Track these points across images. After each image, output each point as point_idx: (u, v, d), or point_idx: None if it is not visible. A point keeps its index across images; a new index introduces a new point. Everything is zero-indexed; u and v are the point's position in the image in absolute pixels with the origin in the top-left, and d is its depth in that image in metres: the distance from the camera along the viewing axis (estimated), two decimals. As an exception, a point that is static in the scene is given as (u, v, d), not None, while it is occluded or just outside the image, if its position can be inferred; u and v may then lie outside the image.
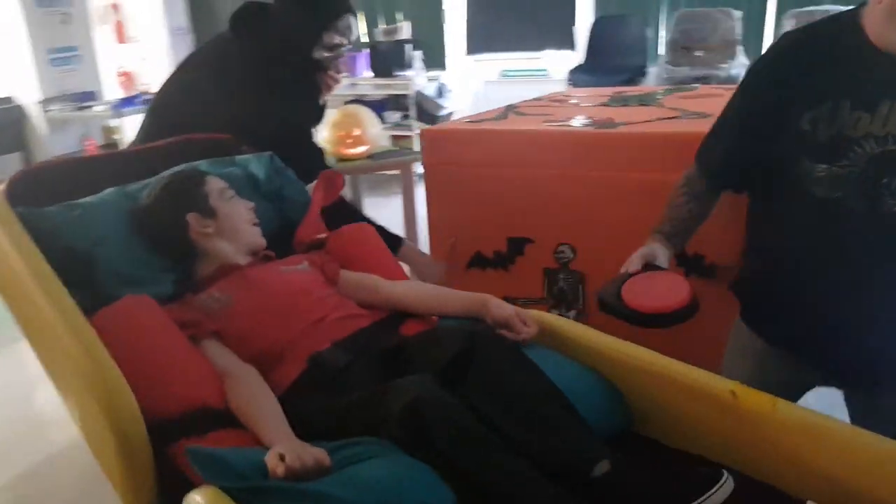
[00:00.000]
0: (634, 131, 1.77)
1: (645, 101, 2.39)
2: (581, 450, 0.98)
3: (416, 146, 5.39)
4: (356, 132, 3.38)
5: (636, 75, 4.66)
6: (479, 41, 5.92)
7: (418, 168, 2.35)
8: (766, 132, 1.16)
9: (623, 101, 2.43)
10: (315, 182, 1.62)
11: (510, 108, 2.33)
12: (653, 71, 4.81)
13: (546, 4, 5.58)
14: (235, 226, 1.41)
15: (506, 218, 1.90)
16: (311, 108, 1.99)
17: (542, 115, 2.13)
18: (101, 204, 1.40)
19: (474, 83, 5.97)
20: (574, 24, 5.46)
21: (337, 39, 1.85)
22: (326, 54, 1.87)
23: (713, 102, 2.30)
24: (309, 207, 1.57)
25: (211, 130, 1.77)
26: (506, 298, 1.39)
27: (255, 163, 1.60)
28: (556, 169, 1.81)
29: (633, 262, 1.23)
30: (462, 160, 1.92)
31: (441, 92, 5.58)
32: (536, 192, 1.84)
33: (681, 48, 4.69)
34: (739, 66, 4.48)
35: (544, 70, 5.65)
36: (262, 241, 1.45)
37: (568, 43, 5.52)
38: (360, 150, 3.60)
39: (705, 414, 1.08)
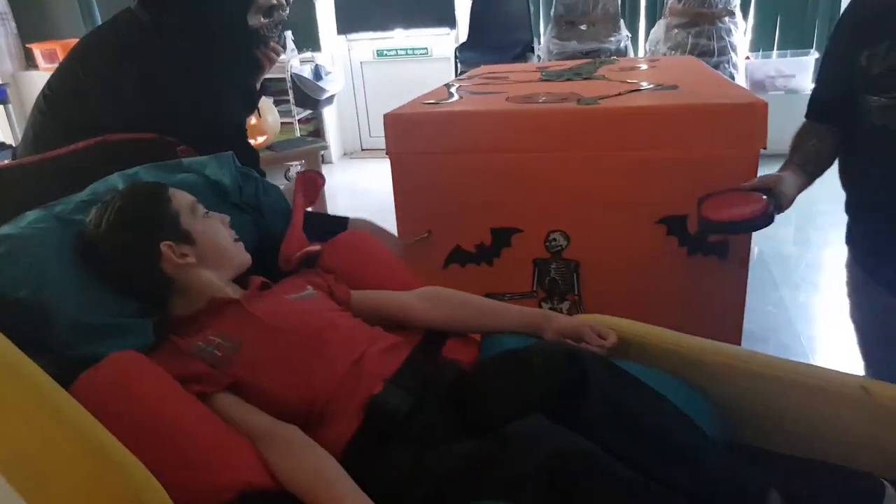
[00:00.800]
0: (623, 106, 1.64)
1: (582, 75, 2.29)
2: (743, 481, 0.84)
3: (298, 132, 5.05)
4: (252, 121, 3.05)
5: (525, 51, 4.60)
6: (352, 20, 5.61)
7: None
8: (841, 72, 1.26)
9: (557, 76, 2.31)
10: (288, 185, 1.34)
11: (450, 87, 2.14)
12: (541, 46, 4.77)
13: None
14: (218, 248, 1.13)
15: (489, 208, 1.71)
16: (244, 95, 1.68)
17: (496, 92, 1.96)
18: (31, 235, 1.05)
19: (348, 64, 5.68)
20: (454, 1, 5.31)
21: (275, 0, 1.56)
22: (263, 20, 1.57)
23: (653, 74, 2.25)
24: (290, 216, 1.30)
25: (126, 129, 1.44)
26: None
27: (215, 166, 1.29)
28: (543, 151, 1.65)
29: (749, 182, 1.34)
30: (435, 147, 1.71)
31: (319, 74, 5.24)
32: (523, 178, 1.67)
33: (565, 23, 4.69)
34: (624, 38, 4.55)
35: (425, 48, 5.46)
36: (249, 259, 1.17)
37: (448, 21, 5.36)
38: (260, 140, 3.26)
39: (833, 415, 0.97)
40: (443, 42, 5.45)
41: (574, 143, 1.63)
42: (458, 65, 4.66)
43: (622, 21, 4.66)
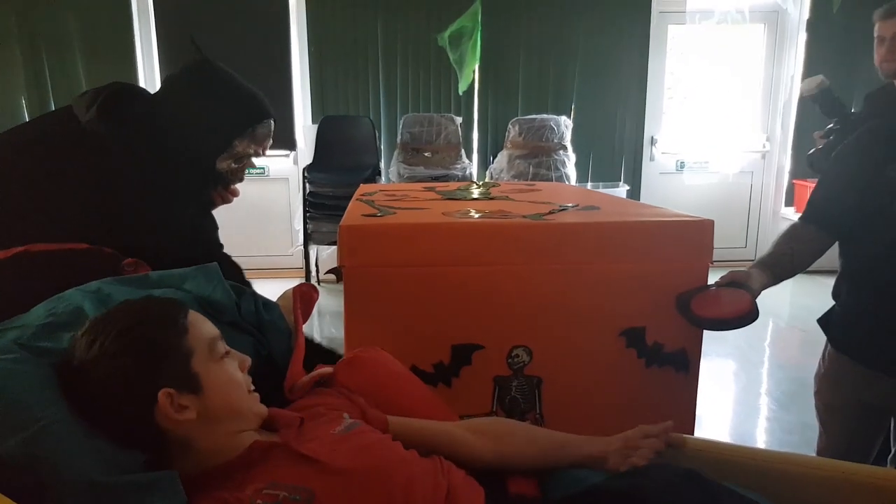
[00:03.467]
0: (582, 221, 1.69)
1: (475, 195, 2.34)
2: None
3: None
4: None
5: (374, 174, 4.67)
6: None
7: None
8: (861, 181, 1.44)
9: (453, 195, 2.35)
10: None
11: (369, 203, 2.07)
12: (391, 170, 4.87)
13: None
14: (229, 405, 0.90)
15: (450, 324, 1.63)
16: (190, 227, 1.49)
17: (419, 208, 1.93)
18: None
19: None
20: (294, 125, 5.30)
21: (252, 150, 1.44)
22: (234, 166, 1.43)
23: (551, 195, 2.37)
24: (290, 336, 1.12)
25: (58, 238, 1.19)
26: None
27: (200, 279, 1.09)
28: (507, 265, 1.62)
29: (724, 277, 1.48)
30: (394, 260, 1.61)
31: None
32: (486, 291, 1.62)
33: (411, 149, 4.87)
34: (469, 165, 4.82)
35: (262, 168, 5.32)
36: (263, 414, 0.96)
37: (287, 143, 5.31)
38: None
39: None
40: (281, 162, 5.37)
41: (537, 256, 1.63)
42: (307, 185, 4.59)
43: (463, 150, 4.95)
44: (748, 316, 1.39)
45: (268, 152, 1.62)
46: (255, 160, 1.60)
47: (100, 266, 1.18)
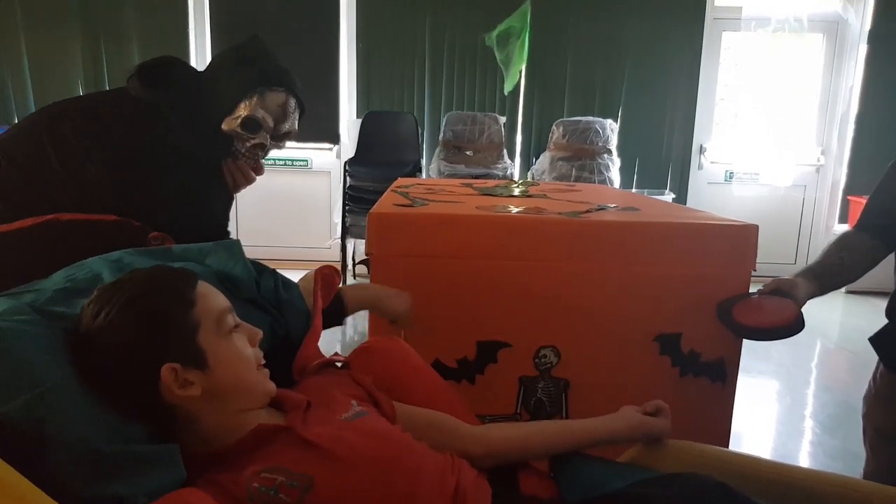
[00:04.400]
0: (620, 220, 1.63)
1: (515, 193, 2.29)
2: None
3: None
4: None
5: (415, 170, 4.65)
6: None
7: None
8: None
9: (492, 191, 2.30)
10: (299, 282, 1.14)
11: (405, 195, 2.04)
12: (432, 167, 4.86)
13: (307, 98, 5.34)
14: (236, 382, 0.87)
15: (477, 319, 1.58)
16: (214, 197, 1.48)
17: (453, 201, 1.89)
18: (10, 329, 0.78)
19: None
20: (339, 119, 5.33)
21: (260, 115, 1.41)
22: (241, 132, 1.41)
23: (589, 195, 2.31)
24: (309, 318, 1.09)
25: (84, 209, 1.19)
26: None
27: (221, 254, 1.07)
28: (539, 260, 1.57)
29: (769, 284, 1.41)
30: (423, 251, 1.57)
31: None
32: (515, 287, 1.57)
33: (453, 147, 4.84)
34: (510, 165, 4.77)
35: (305, 160, 5.36)
36: (272, 392, 0.93)
37: (331, 137, 5.34)
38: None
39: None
40: (324, 156, 5.40)
41: (571, 254, 1.58)
42: (347, 178, 4.60)
43: (505, 150, 4.90)
44: (793, 326, 1.31)
45: (312, 145, 1.61)
46: (280, 150, 1.57)
47: (127, 238, 1.18)
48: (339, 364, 1.05)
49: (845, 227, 5.07)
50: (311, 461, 0.80)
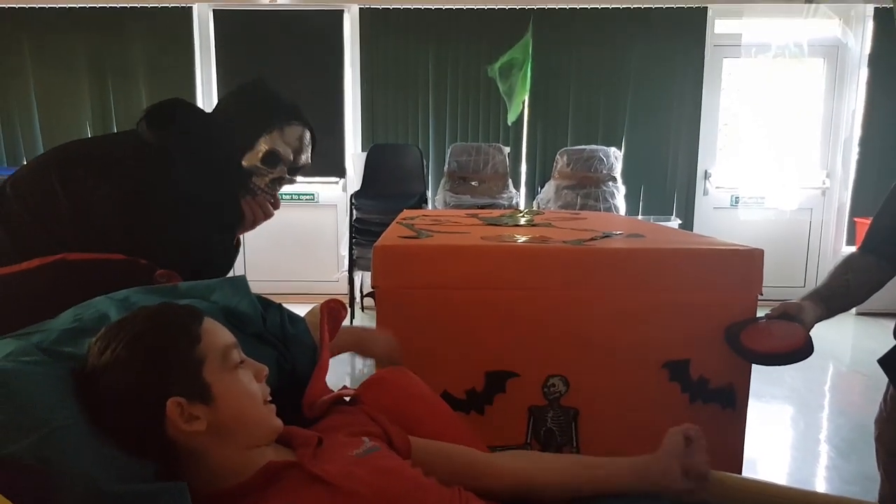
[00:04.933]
0: (624, 248, 1.63)
1: (520, 222, 2.30)
2: None
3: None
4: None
5: (420, 201, 4.68)
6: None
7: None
8: None
9: (497, 221, 2.31)
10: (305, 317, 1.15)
11: (410, 226, 2.05)
12: (437, 198, 4.88)
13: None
14: (242, 417, 0.87)
15: (484, 349, 1.58)
16: (221, 242, 1.49)
17: (459, 232, 1.90)
18: (17, 371, 0.79)
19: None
20: (345, 152, 5.38)
21: (281, 149, 1.44)
22: (261, 167, 1.43)
23: (595, 223, 2.32)
24: (315, 353, 1.09)
25: (91, 248, 1.20)
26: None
27: (226, 290, 1.08)
28: (544, 289, 1.57)
29: (776, 309, 1.41)
30: (429, 282, 1.58)
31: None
32: (522, 317, 1.57)
33: (458, 178, 4.87)
34: (515, 195, 4.79)
35: (312, 194, 5.40)
36: (279, 428, 0.93)
37: (337, 171, 5.39)
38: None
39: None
40: (330, 189, 5.44)
41: (577, 282, 1.57)
42: (354, 211, 4.63)
43: (510, 180, 4.93)
44: (802, 350, 1.31)
45: (318, 179, 1.64)
46: (293, 184, 1.59)
47: (134, 276, 1.19)
48: (347, 399, 1.05)
49: (853, 250, 5.09)
50: (323, 498, 0.80)
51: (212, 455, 0.84)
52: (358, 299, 4.92)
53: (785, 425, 3.33)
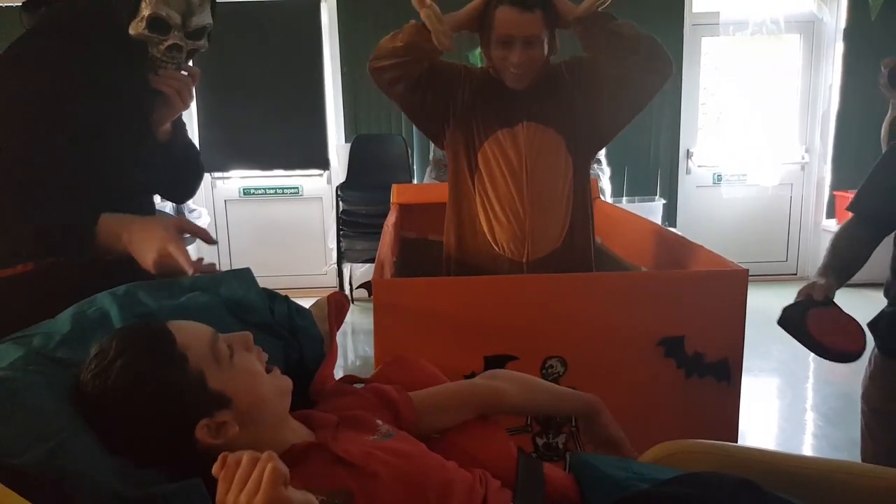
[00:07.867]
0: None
1: None
2: None
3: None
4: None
5: (407, 191, 4.67)
6: (213, 160, 5.41)
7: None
8: None
9: None
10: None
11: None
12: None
13: (294, 125, 5.35)
14: (260, 398, 0.89)
15: (481, 335, 1.60)
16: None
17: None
18: (19, 380, 0.82)
19: (211, 203, 5.42)
20: (327, 144, 5.36)
21: (164, 12, 1.30)
22: (150, 34, 1.31)
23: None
24: (322, 344, 1.11)
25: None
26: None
27: (232, 282, 1.09)
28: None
29: (817, 292, 1.42)
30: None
31: (180, 210, 4.93)
32: (518, 301, 1.60)
33: (443, 165, 4.87)
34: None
35: (296, 188, 5.38)
36: (288, 385, 0.95)
37: (321, 163, 5.36)
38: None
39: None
40: (314, 182, 5.42)
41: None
42: (340, 203, 4.63)
43: (495, 166, 4.94)
44: (861, 353, 1.38)
45: (301, 172, 1.58)
46: (203, 50, 1.48)
47: (133, 272, 1.18)
48: (356, 380, 1.07)
49: (833, 223, 5.17)
50: (346, 478, 0.82)
51: (239, 446, 0.85)
52: (347, 291, 4.93)
53: (773, 397, 3.40)
